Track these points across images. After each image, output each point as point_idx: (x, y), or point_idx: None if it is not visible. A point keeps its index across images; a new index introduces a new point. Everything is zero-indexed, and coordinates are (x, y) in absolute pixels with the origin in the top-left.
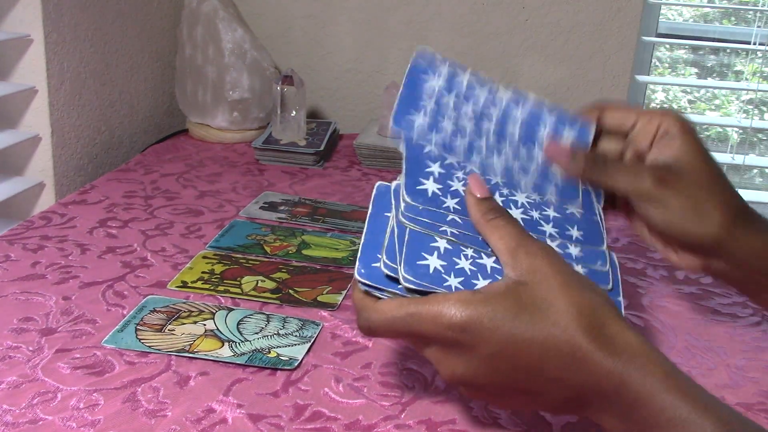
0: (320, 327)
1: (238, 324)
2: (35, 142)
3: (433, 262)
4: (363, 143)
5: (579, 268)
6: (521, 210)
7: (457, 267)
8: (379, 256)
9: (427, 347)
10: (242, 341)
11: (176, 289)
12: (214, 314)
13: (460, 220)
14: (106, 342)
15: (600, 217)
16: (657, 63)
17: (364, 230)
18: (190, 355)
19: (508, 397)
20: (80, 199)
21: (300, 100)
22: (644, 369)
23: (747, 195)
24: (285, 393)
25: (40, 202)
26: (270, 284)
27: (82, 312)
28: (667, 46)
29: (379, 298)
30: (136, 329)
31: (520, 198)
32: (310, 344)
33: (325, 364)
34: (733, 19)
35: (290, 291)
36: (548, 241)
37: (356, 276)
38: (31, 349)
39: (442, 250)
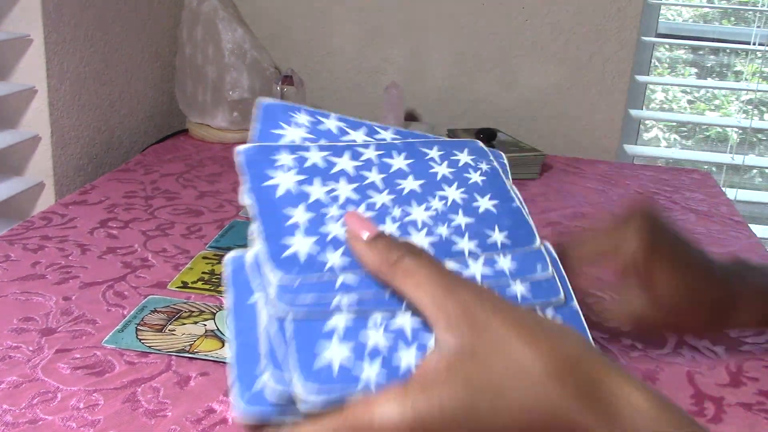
0: None
1: None
2: (35, 142)
3: (335, 353)
4: None
5: (519, 287)
6: (425, 231)
7: (368, 347)
8: (259, 375)
9: None
10: None
11: (176, 289)
12: (214, 314)
13: (353, 278)
14: (106, 342)
15: (519, 199)
16: (657, 63)
17: (230, 335)
18: (191, 355)
19: None
20: (80, 200)
21: (300, 100)
22: None
23: (747, 195)
24: None
25: (40, 202)
26: None
27: (83, 312)
28: (667, 46)
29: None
30: (137, 329)
31: (418, 214)
32: None
33: None
34: (732, 19)
35: None
36: (470, 262)
37: (237, 414)
38: (31, 349)
39: (341, 331)
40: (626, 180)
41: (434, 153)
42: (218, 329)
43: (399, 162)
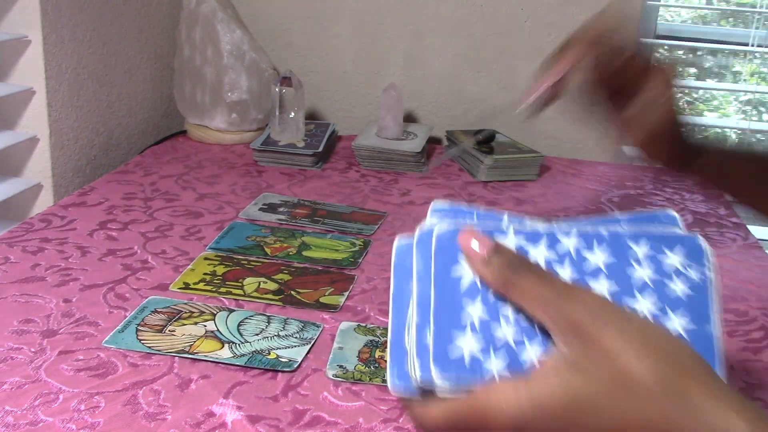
0: (321, 329)
1: (239, 325)
2: (33, 144)
3: (467, 343)
4: (361, 144)
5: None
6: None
7: (497, 339)
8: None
9: None
10: (242, 342)
11: (178, 290)
12: (215, 315)
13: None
14: (106, 342)
15: (717, 323)
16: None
17: (390, 315)
18: (190, 355)
19: None
20: (80, 201)
21: (298, 102)
22: None
23: None
24: (285, 397)
25: (38, 203)
26: (272, 285)
27: (84, 314)
28: (666, 47)
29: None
30: (137, 330)
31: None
32: (310, 346)
33: (324, 367)
34: (731, 20)
35: (292, 292)
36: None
37: (391, 390)
38: (33, 350)
39: (476, 322)
40: (625, 181)
41: (641, 249)
42: (218, 330)
43: (597, 257)
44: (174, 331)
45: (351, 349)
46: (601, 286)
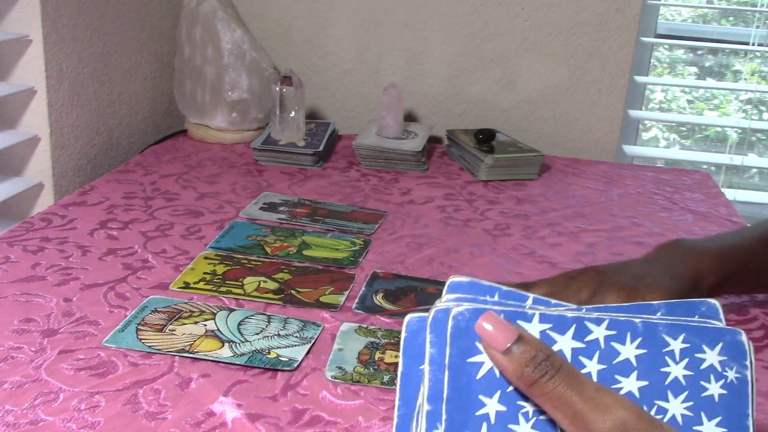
0: (321, 328)
1: (239, 324)
2: (34, 143)
3: None
4: (362, 144)
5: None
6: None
7: None
8: None
9: None
10: (242, 342)
11: (178, 290)
12: (215, 315)
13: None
14: (106, 342)
15: (752, 426)
16: (656, 63)
17: (397, 400)
18: (190, 355)
19: None
20: (80, 200)
21: (299, 101)
22: None
23: (746, 195)
24: (284, 396)
25: (39, 202)
26: (272, 285)
27: (84, 314)
28: (666, 46)
29: None
30: (137, 329)
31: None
32: (310, 345)
33: (324, 367)
34: (731, 19)
35: (293, 292)
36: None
37: None
38: (33, 349)
39: (492, 419)
40: (626, 180)
41: (677, 345)
42: (218, 329)
43: (629, 350)
44: (174, 330)
45: (351, 350)
46: (631, 383)
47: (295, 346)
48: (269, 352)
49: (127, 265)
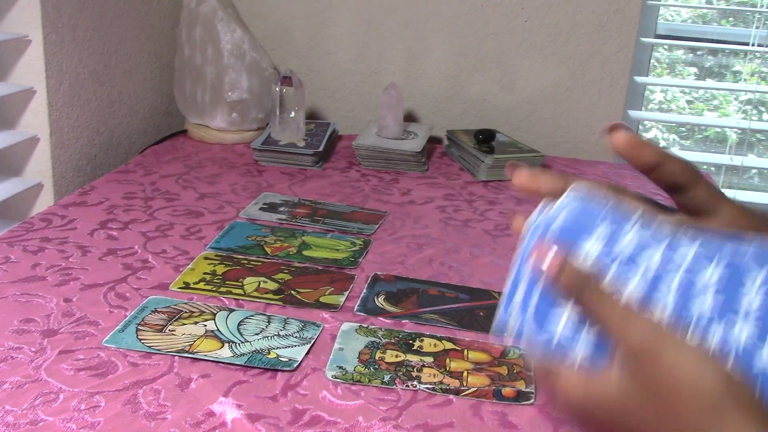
0: (321, 328)
1: (239, 325)
2: (34, 143)
3: (561, 323)
4: (362, 144)
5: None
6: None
7: (586, 333)
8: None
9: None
10: (242, 342)
11: (178, 290)
12: (215, 315)
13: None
14: (106, 342)
15: None
16: (656, 63)
17: (513, 266)
18: (190, 355)
19: None
20: (80, 201)
21: (299, 101)
22: None
23: (745, 196)
24: (284, 397)
25: (39, 202)
26: (272, 285)
27: (84, 314)
28: (666, 46)
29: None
30: (137, 329)
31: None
32: (310, 345)
33: (324, 367)
34: (731, 19)
35: (292, 292)
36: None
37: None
38: (33, 350)
39: (570, 313)
40: (626, 180)
41: (761, 273)
42: (218, 329)
43: (712, 273)
44: (174, 330)
45: (351, 350)
46: (707, 300)
47: (295, 346)
48: (269, 353)
49: (127, 265)
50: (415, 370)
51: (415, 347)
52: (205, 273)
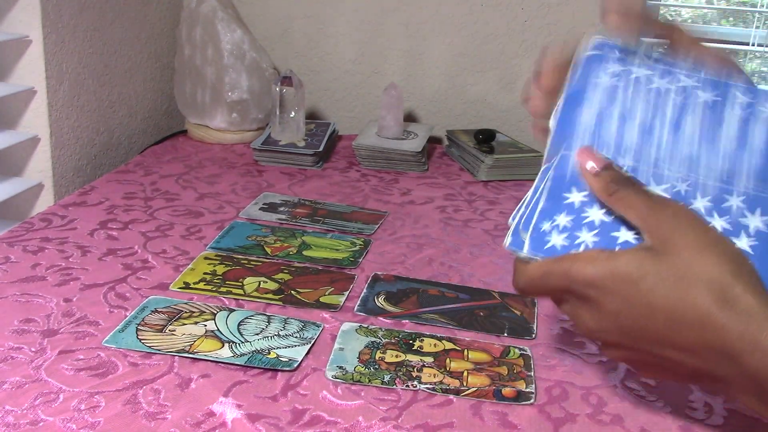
0: (321, 328)
1: (239, 325)
2: (34, 143)
3: (561, 220)
4: (362, 144)
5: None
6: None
7: (586, 220)
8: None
9: (562, 303)
10: (242, 342)
11: (178, 290)
12: (215, 315)
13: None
14: (106, 342)
15: None
16: None
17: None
18: (190, 355)
19: (642, 363)
20: (80, 201)
21: (299, 101)
22: None
23: None
24: (284, 397)
25: (39, 202)
26: (272, 285)
27: (84, 314)
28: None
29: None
30: (137, 329)
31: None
32: (310, 345)
33: (324, 367)
34: (731, 19)
35: (292, 292)
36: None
37: (504, 245)
38: (33, 350)
39: (576, 204)
40: None
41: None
42: (218, 329)
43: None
44: (174, 330)
45: (352, 350)
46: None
47: (295, 346)
48: (269, 353)
49: (127, 265)
50: (415, 370)
51: (415, 347)
52: (205, 273)
